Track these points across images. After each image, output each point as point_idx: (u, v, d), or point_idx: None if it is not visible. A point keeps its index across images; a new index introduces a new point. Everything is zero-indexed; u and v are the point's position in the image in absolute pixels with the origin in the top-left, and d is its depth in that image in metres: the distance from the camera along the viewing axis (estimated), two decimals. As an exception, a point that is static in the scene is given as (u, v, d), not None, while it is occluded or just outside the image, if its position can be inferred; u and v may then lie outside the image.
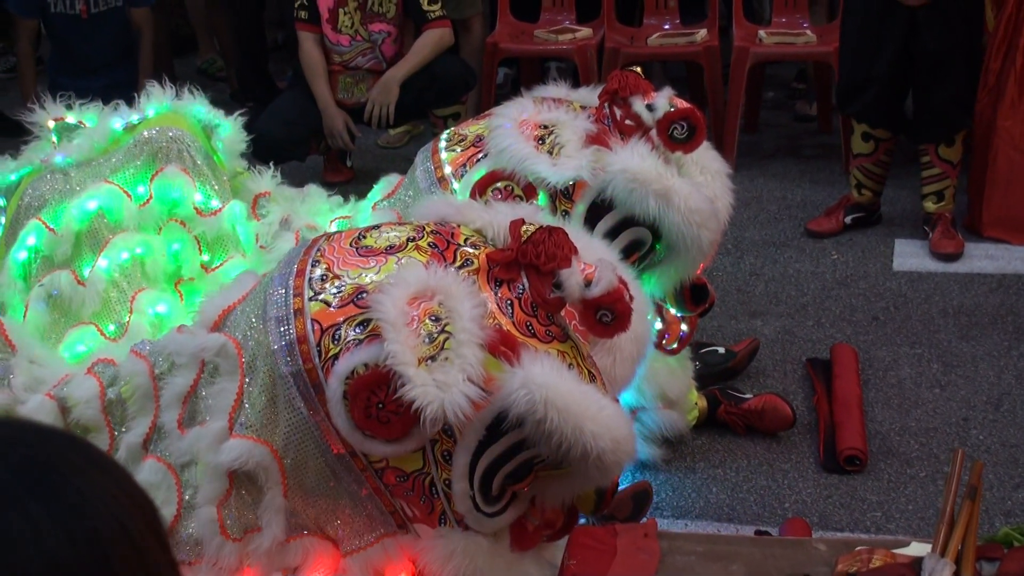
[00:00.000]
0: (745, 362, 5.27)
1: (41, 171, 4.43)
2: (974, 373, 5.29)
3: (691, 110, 4.51)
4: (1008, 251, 6.22)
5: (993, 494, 4.39)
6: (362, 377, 3.23)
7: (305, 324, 3.37)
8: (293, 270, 3.50)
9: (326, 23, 6.76)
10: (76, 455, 1.39)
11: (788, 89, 8.16)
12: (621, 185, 4.28)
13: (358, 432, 3.30)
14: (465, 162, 4.47)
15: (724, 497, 4.64)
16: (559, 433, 3.16)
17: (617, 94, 4.52)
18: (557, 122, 4.45)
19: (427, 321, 3.22)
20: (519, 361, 3.20)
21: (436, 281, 3.26)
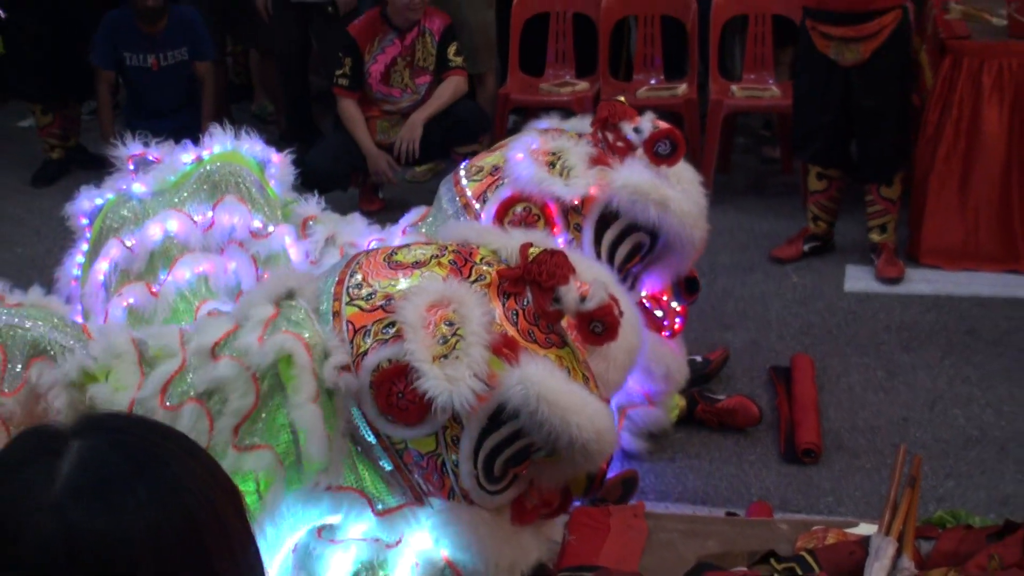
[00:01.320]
0: (717, 368, 5.27)
1: (121, 199, 4.44)
2: (913, 380, 5.29)
3: (672, 129, 4.57)
4: (942, 276, 6.20)
5: (928, 483, 4.39)
6: (385, 370, 3.28)
7: (342, 324, 3.41)
8: (336, 278, 3.55)
9: (379, 80, 6.78)
10: (173, 445, 1.42)
11: (756, 136, 8.15)
12: (625, 198, 4.33)
13: (382, 417, 3.35)
14: (486, 189, 4.49)
15: (699, 483, 4.64)
16: (549, 424, 3.21)
17: (608, 121, 4.57)
18: (563, 149, 4.49)
19: (442, 325, 3.27)
20: (518, 362, 3.24)
21: (452, 292, 3.32)
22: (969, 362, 5.42)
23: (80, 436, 1.36)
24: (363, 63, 6.77)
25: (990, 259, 6.27)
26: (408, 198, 6.90)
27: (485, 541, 3.47)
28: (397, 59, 6.82)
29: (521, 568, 3.57)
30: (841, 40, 5.77)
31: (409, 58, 6.84)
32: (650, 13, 7.54)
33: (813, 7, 5.83)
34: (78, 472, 1.32)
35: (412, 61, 6.85)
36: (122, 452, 1.36)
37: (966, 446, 4.81)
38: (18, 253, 6.74)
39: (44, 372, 3.60)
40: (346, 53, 6.78)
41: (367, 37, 6.78)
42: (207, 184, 4.43)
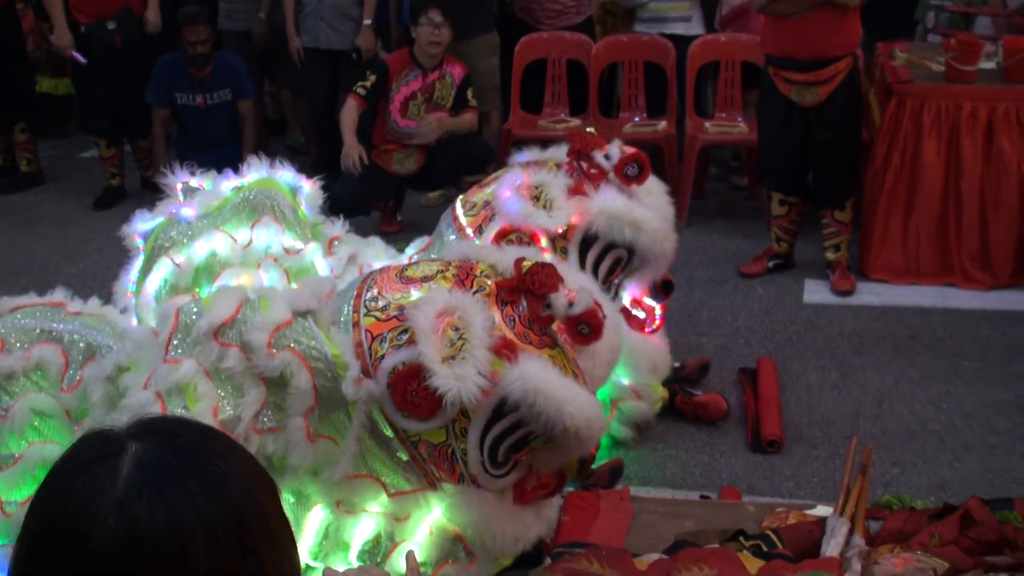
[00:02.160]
0: (696, 374, 5.26)
1: (171, 221, 4.44)
2: (863, 379, 5.30)
3: (638, 153, 4.62)
4: (889, 289, 6.21)
5: (876, 470, 4.39)
6: (400, 371, 3.31)
7: (360, 333, 3.43)
8: (354, 293, 3.57)
9: (397, 112, 6.77)
10: (218, 444, 1.42)
11: (726, 166, 8.15)
12: (602, 223, 4.38)
13: (398, 413, 3.37)
14: (481, 222, 4.52)
15: (677, 470, 4.65)
16: (545, 414, 3.24)
17: (581, 151, 4.60)
18: (544, 183, 4.52)
19: (449, 331, 3.30)
20: (517, 361, 3.27)
21: (457, 301, 3.36)
22: (912, 364, 5.43)
23: (136, 438, 1.36)
24: (387, 86, 6.76)
25: (930, 274, 6.27)
26: (423, 221, 6.92)
27: (491, 519, 3.49)
28: (417, 93, 6.82)
29: (523, 542, 3.59)
30: (802, 84, 5.78)
31: (428, 95, 6.84)
32: (634, 59, 7.55)
33: (777, 56, 5.82)
34: (137, 471, 1.32)
35: (430, 98, 6.85)
36: (174, 451, 1.36)
37: (909, 438, 4.82)
38: (81, 267, 6.75)
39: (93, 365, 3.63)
40: (373, 72, 6.77)
41: (397, 68, 6.78)
42: (247, 207, 4.43)
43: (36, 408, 3.59)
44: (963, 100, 6.09)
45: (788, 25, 5.65)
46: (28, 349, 3.69)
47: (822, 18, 5.63)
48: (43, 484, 1.37)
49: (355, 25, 7.42)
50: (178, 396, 3.38)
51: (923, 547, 3.16)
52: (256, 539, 1.35)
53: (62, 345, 3.74)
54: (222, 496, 1.34)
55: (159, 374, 3.42)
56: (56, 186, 8.14)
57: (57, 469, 1.37)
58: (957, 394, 5.16)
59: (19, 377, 3.64)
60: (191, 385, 3.39)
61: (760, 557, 3.15)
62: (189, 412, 3.34)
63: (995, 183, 6.10)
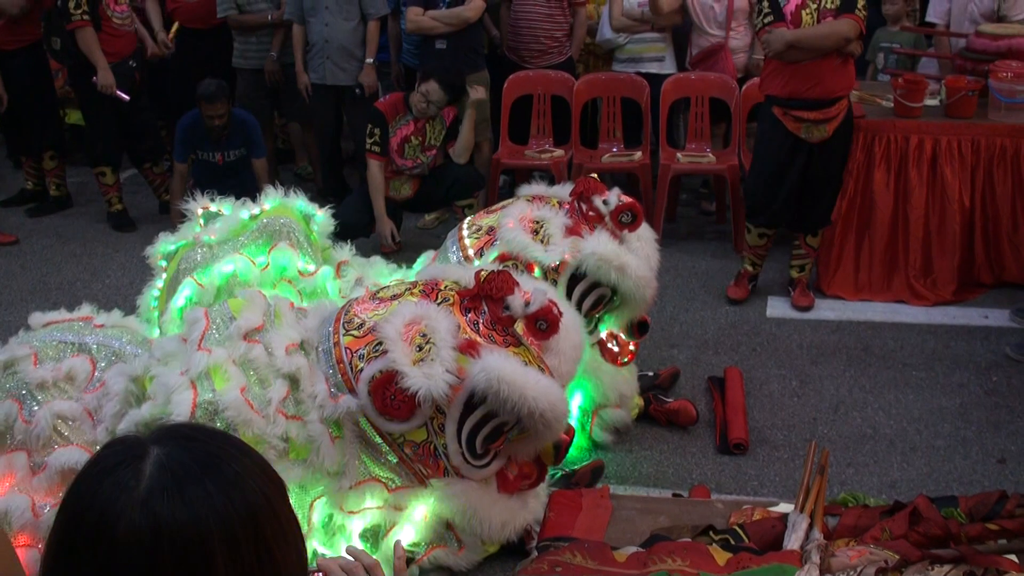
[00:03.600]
0: (668, 382, 5.27)
1: (193, 245, 4.46)
2: (820, 387, 5.33)
3: (633, 203, 4.64)
4: (844, 305, 6.23)
5: (833, 471, 4.40)
6: (378, 379, 3.38)
7: (340, 351, 3.49)
8: (334, 318, 3.63)
9: (395, 152, 6.78)
10: (233, 448, 1.42)
11: (696, 192, 8.16)
12: (592, 263, 4.40)
13: (381, 417, 3.41)
14: (483, 246, 4.55)
15: (651, 470, 4.66)
16: (510, 400, 3.30)
17: (583, 194, 4.62)
18: (544, 218, 4.55)
19: (417, 337, 3.37)
20: (479, 355, 3.31)
21: (422, 311, 3.44)
22: (864, 374, 5.45)
23: (158, 443, 1.37)
24: (389, 132, 6.79)
25: (881, 292, 6.29)
26: (419, 241, 6.93)
27: (477, 506, 3.54)
28: (411, 136, 6.80)
29: (509, 527, 3.62)
30: (812, 122, 5.76)
31: (420, 137, 6.82)
32: (612, 95, 7.57)
33: (785, 97, 5.77)
34: (159, 473, 1.33)
35: (423, 140, 6.84)
36: (192, 455, 1.36)
37: (862, 441, 4.84)
38: (106, 284, 6.74)
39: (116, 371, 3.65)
40: (375, 124, 6.78)
41: (391, 114, 6.79)
42: (264, 233, 4.46)
43: (59, 413, 3.59)
44: (910, 134, 6.14)
45: (800, 69, 5.66)
46: (60, 362, 3.70)
47: (830, 63, 5.66)
48: (72, 486, 1.37)
49: (358, 64, 7.43)
50: (207, 380, 3.41)
51: (875, 541, 3.18)
52: (268, 534, 1.36)
53: (90, 355, 3.75)
54: (237, 495, 1.34)
55: (192, 362, 3.46)
56: (83, 209, 8.11)
57: (85, 472, 1.38)
58: (906, 401, 5.18)
59: (49, 387, 3.64)
60: (221, 368, 3.43)
61: (728, 550, 3.17)
62: (218, 392, 3.37)
63: (939, 209, 6.15)
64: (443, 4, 7.20)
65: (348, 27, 7.35)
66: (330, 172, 7.94)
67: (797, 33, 5.62)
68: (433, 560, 3.69)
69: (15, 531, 3.45)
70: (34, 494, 3.52)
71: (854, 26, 5.61)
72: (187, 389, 3.41)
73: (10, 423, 3.57)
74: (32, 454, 3.57)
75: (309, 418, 3.48)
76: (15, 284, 6.78)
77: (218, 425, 3.35)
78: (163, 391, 3.43)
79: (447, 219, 7.45)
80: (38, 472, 3.54)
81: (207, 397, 3.39)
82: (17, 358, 3.71)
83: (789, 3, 5.67)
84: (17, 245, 7.41)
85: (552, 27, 7.55)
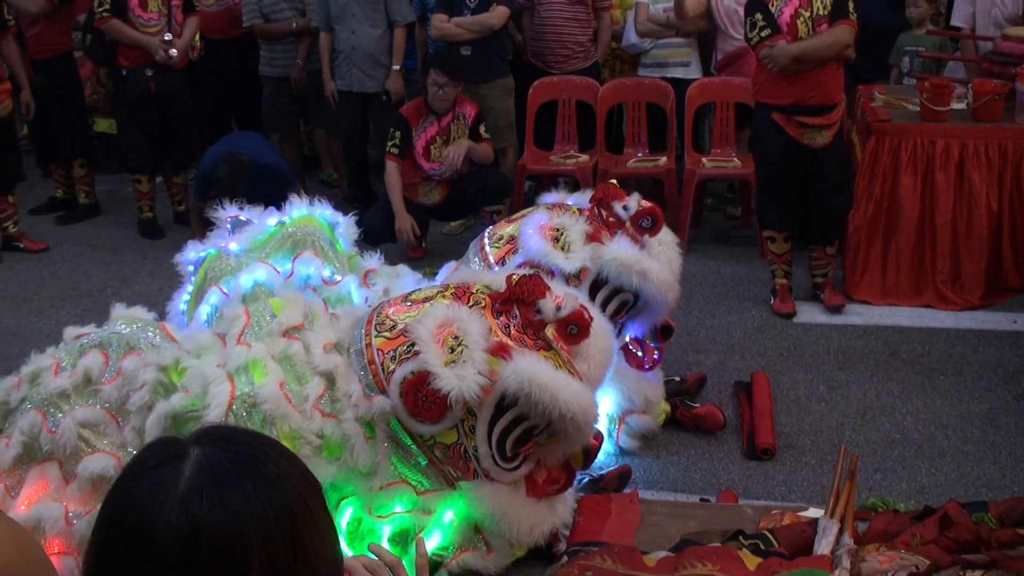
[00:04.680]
0: (695, 387, 5.25)
1: (221, 254, 4.48)
2: (847, 393, 5.29)
3: (653, 207, 4.63)
4: (871, 310, 6.19)
5: (861, 476, 4.33)
6: (409, 380, 3.38)
7: (372, 352, 3.49)
8: (365, 320, 3.64)
9: (420, 155, 6.82)
10: (270, 450, 1.43)
11: (721, 197, 8.15)
12: (613, 269, 4.39)
13: (412, 419, 3.41)
14: (504, 255, 4.56)
15: (679, 475, 4.63)
16: (541, 402, 3.30)
17: (603, 200, 4.62)
18: (565, 226, 4.55)
19: (449, 339, 3.37)
20: (511, 358, 3.32)
21: (455, 314, 3.45)
22: (892, 379, 5.42)
23: (197, 444, 1.39)
24: (411, 137, 6.83)
25: (908, 296, 6.25)
26: (445, 248, 6.95)
27: (506, 508, 3.53)
28: (435, 137, 6.86)
29: (538, 531, 3.62)
30: (815, 128, 5.76)
31: (445, 137, 6.88)
32: (637, 100, 7.58)
33: (787, 104, 5.77)
34: (198, 473, 1.34)
35: (447, 139, 6.89)
36: (231, 456, 1.38)
37: (890, 446, 4.81)
38: (135, 290, 6.77)
39: (134, 359, 3.65)
40: (397, 127, 6.83)
41: (414, 118, 6.85)
42: (288, 242, 4.47)
43: (82, 421, 3.60)
44: (937, 138, 6.11)
45: (803, 76, 5.68)
46: (75, 366, 3.72)
47: (829, 69, 5.71)
48: (113, 487, 1.39)
49: (384, 71, 7.47)
50: (245, 374, 3.43)
51: (906, 546, 3.17)
52: (305, 535, 1.37)
53: (101, 348, 3.75)
54: (275, 497, 1.35)
55: (231, 355, 3.48)
56: (112, 216, 8.17)
57: (126, 473, 1.40)
58: (934, 406, 5.15)
59: (70, 394, 3.66)
60: (260, 362, 3.45)
61: (758, 555, 3.16)
62: (256, 386, 3.39)
63: (966, 213, 6.12)
64: (468, 11, 7.23)
65: (375, 34, 7.39)
66: (356, 179, 7.97)
67: (802, 46, 5.63)
68: (461, 564, 3.69)
69: (48, 538, 3.47)
70: (67, 503, 3.54)
71: (852, 32, 5.70)
72: (224, 381, 3.42)
73: (35, 434, 3.59)
74: (63, 464, 3.58)
75: (344, 417, 3.49)
76: (46, 291, 6.83)
77: (256, 418, 3.37)
78: (199, 382, 3.45)
79: (473, 224, 7.46)
80: (71, 481, 3.56)
81: (245, 390, 3.41)
82: (41, 369, 3.73)
83: (783, 14, 5.67)
84: (47, 252, 7.47)
85: (577, 32, 7.55)
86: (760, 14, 5.68)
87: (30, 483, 3.58)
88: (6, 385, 3.80)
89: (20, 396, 3.71)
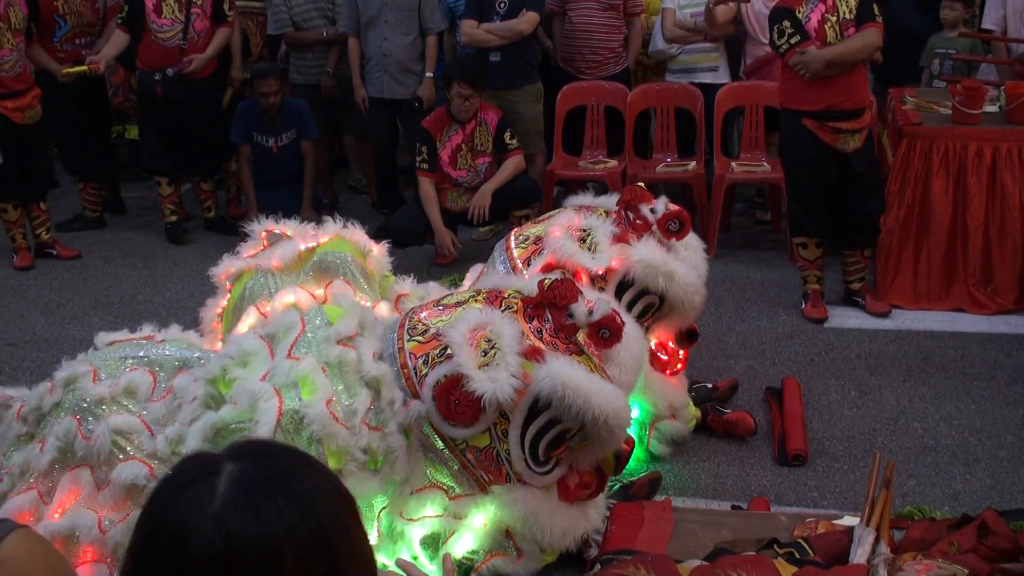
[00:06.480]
0: (727, 394, 5.21)
1: (259, 273, 4.47)
2: (879, 398, 5.25)
3: (680, 211, 4.62)
4: (902, 314, 6.14)
5: (894, 483, 4.32)
6: (443, 384, 3.37)
7: (405, 356, 3.48)
8: (397, 325, 3.64)
9: (447, 164, 6.83)
10: (304, 465, 1.43)
11: (751, 202, 8.11)
12: (640, 270, 4.38)
13: (445, 423, 3.40)
14: (530, 256, 4.55)
15: (710, 481, 4.60)
16: (574, 405, 3.28)
17: (630, 202, 4.61)
18: (592, 227, 4.54)
19: (483, 343, 3.36)
20: (544, 361, 3.29)
21: (487, 318, 3.43)
22: (924, 384, 5.37)
23: (232, 459, 1.39)
24: (436, 149, 6.83)
25: (940, 300, 6.20)
26: (474, 253, 6.93)
27: (538, 512, 3.52)
28: (461, 145, 6.86)
29: (569, 536, 3.61)
30: (848, 132, 5.73)
31: (470, 144, 6.87)
32: (666, 105, 7.55)
33: (819, 111, 5.73)
34: (233, 488, 1.34)
35: (472, 147, 6.88)
36: (265, 471, 1.38)
37: (923, 452, 4.76)
38: (166, 297, 6.79)
39: (185, 377, 3.66)
40: (423, 142, 6.85)
41: (437, 129, 6.85)
42: (321, 269, 4.46)
43: (117, 428, 3.60)
44: (969, 141, 6.05)
45: (832, 81, 5.66)
46: (118, 378, 3.72)
47: (858, 73, 5.73)
48: (149, 500, 1.39)
49: (416, 78, 7.47)
50: (293, 389, 3.42)
51: (943, 555, 3.13)
52: (338, 551, 1.36)
53: (150, 367, 3.76)
54: (309, 512, 1.35)
55: (280, 368, 3.47)
56: (144, 222, 8.20)
57: (161, 487, 1.40)
58: (967, 412, 5.09)
59: (108, 402, 3.66)
60: (309, 378, 3.44)
61: (793, 563, 3.13)
62: (304, 402, 3.38)
63: (999, 217, 6.06)
64: (497, 17, 7.21)
65: (407, 41, 7.40)
66: (385, 185, 7.97)
67: (835, 50, 5.61)
68: (492, 568, 3.67)
69: (82, 546, 3.47)
70: (100, 510, 3.54)
71: (881, 34, 5.70)
72: (272, 396, 3.42)
73: (70, 439, 3.60)
74: (95, 470, 3.59)
75: (388, 429, 3.48)
76: (78, 298, 6.86)
77: (303, 436, 3.36)
78: (247, 397, 3.44)
79: (501, 230, 7.45)
80: (103, 488, 3.56)
81: (294, 406, 3.40)
82: (77, 375, 3.74)
83: (810, 20, 5.64)
84: (80, 259, 7.49)
85: (609, 37, 7.53)
86: (788, 21, 5.65)
87: (62, 489, 3.59)
88: (40, 390, 3.82)
89: (53, 401, 3.72)
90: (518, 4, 7.20)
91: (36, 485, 3.62)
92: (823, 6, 5.64)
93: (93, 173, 8.03)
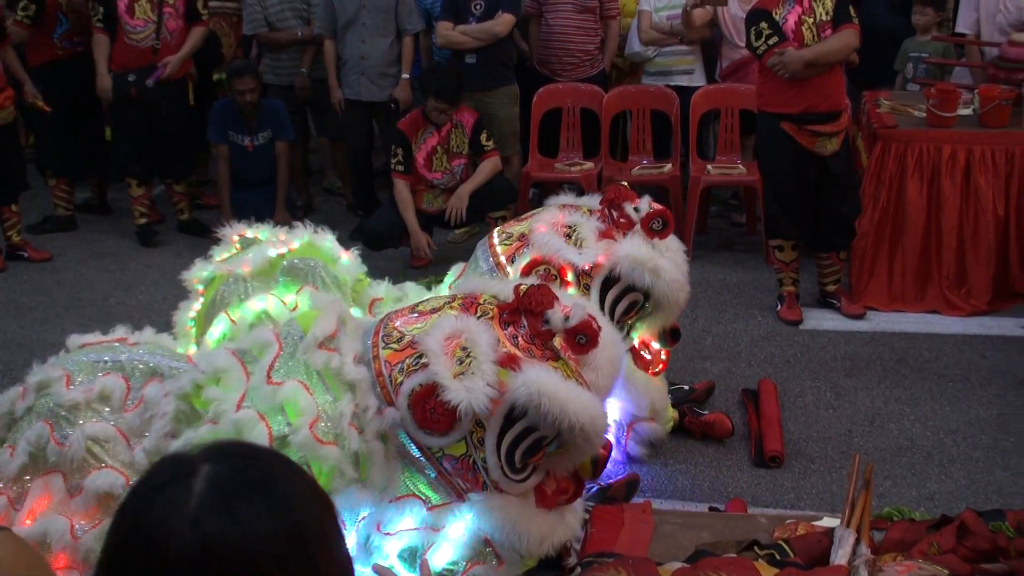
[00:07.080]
0: (703, 396, 5.21)
1: (231, 278, 4.43)
2: (855, 399, 5.26)
3: (664, 210, 4.61)
4: (877, 316, 6.17)
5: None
6: (418, 392, 3.33)
7: (380, 364, 3.44)
8: (372, 331, 3.60)
9: (423, 166, 6.81)
10: (282, 467, 1.41)
11: (726, 204, 8.13)
12: (626, 266, 4.36)
13: (421, 431, 3.37)
14: (514, 252, 4.51)
15: (687, 483, 4.61)
16: (550, 413, 3.25)
17: (613, 201, 4.59)
18: (577, 223, 4.52)
19: (458, 351, 3.33)
20: (520, 369, 3.27)
21: (463, 325, 3.40)
22: (900, 385, 5.39)
23: (207, 461, 1.36)
24: (412, 151, 6.80)
25: (915, 302, 6.23)
26: (450, 255, 6.89)
27: (516, 520, 3.48)
28: (436, 148, 6.84)
29: (548, 542, 3.57)
30: (826, 135, 5.75)
31: (445, 146, 6.86)
32: (641, 107, 7.55)
33: (797, 113, 5.74)
34: (209, 490, 1.32)
35: (448, 149, 6.86)
36: (242, 474, 1.35)
37: (899, 453, 4.78)
38: (139, 300, 6.74)
39: (155, 387, 3.60)
40: (398, 144, 6.82)
41: (413, 131, 6.83)
42: (291, 275, 4.43)
43: (92, 435, 3.55)
44: (943, 144, 6.09)
45: (808, 84, 5.67)
46: (92, 382, 3.67)
47: (835, 75, 5.77)
48: (123, 503, 1.37)
49: (392, 80, 7.45)
50: (280, 414, 3.38)
51: (923, 555, 3.13)
52: (317, 554, 1.34)
53: (124, 372, 3.72)
54: (286, 514, 1.33)
55: (261, 394, 3.41)
56: (116, 225, 8.12)
57: (136, 489, 1.37)
58: (942, 413, 5.11)
59: (83, 408, 3.61)
60: (293, 401, 3.39)
61: (774, 565, 3.12)
62: (292, 427, 3.33)
63: (973, 219, 6.09)
64: (473, 19, 7.19)
65: (384, 44, 7.38)
66: (360, 187, 7.94)
67: (815, 51, 5.63)
68: (472, 577, 3.64)
69: (54, 552, 3.42)
70: (72, 516, 3.49)
71: (858, 35, 5.74)
72: (259, 423, 3.37)
73: (42, 445, 3.55)
74: (68, 476, 3.53)
75: (367, 435, 3.44)
76: (50, 300, 6.79)
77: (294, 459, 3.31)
78: (231, 424, 3.38)
79: (477, 232, 7.42)
80: (75, 495, 3.50)
81: (283, 431, 3.35)
82: (50, 379, 3.68)
83: (787, 21, 5.65)
84: (51, 261, 7.41)
85: (585, 39, 7.53)
86: (765, 23, 5.65)
87: (33, 495, 3.54)
88: (11, 395, 3.76)
89: (26, 406, 3.66)
90: (494, 6, 7.19)
91: (6, 490, 3.57)
92: (799, 8, 5.65)
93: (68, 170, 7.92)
